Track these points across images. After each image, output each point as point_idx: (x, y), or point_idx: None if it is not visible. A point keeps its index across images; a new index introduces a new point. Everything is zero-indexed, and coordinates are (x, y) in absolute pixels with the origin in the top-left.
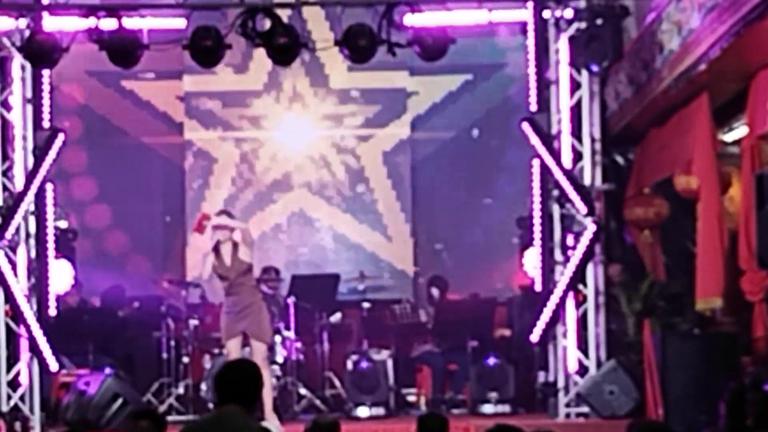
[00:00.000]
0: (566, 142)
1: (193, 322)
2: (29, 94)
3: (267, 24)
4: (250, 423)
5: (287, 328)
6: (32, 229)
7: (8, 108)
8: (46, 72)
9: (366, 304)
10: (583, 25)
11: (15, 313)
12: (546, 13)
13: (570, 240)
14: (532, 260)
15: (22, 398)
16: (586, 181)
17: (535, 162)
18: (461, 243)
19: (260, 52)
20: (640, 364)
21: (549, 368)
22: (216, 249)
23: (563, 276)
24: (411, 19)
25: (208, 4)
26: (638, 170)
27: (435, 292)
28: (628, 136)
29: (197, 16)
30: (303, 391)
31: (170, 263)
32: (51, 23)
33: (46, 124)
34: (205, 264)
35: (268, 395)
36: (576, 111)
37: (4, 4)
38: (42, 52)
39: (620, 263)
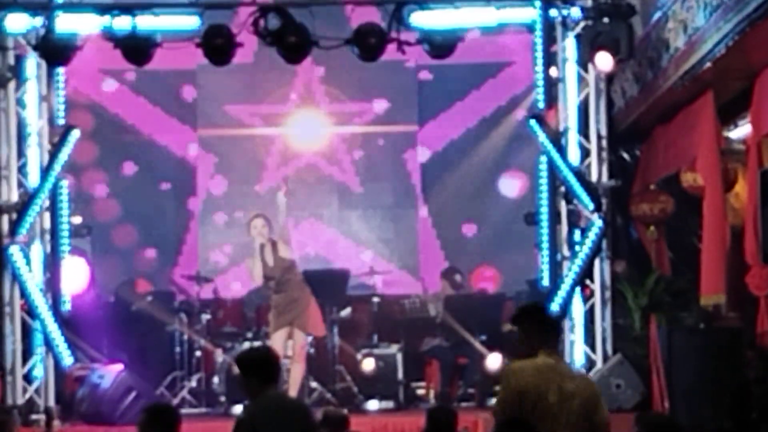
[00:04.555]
0: (573, 139)
1: (206, 316)
2: (44, 92)
3: (278, 22)
4: None
5: None
6: (47, 224)
7: (23, 105)
8: (60, 69)
9: (376, 299)
10: (590, 23)
11: (30, 308)
12: (553, 12)
13: (577, 236)
14: None
15: (37, 391)
16: (593, 177)
17: (543, 159)
18: (470, 238)
19: (271, 51)
20: (646, 358)
21: None
22: (261, 251)
23: (570, 271)
24: (420, 18)
25: (221, 3)
26: (644, 167)
27: (458, 278)
28: (635, 134)
29: (210, 15)
30: (314, 384)
31: (183, 258)
32: (65, 22)
33: (60, 121)
34: (254, 270)
35: (294, 387)
36: (583, 108)
37: (19, 2)
38: (56, 50)
39: (626, 259)
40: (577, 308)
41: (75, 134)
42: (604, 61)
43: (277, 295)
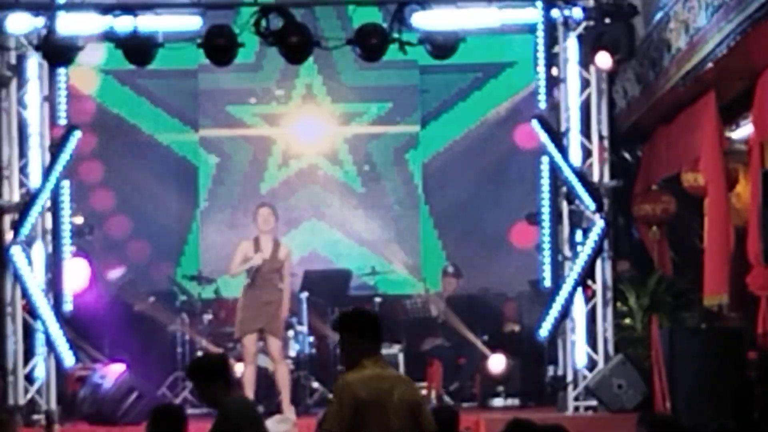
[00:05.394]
0: (575, 139)
1: (207, 317)
2: (46, 92)
3: (280, 23)
4: None
5: (300, 323)
6: (48, 225)
7: (25, 105)
8: (62, 70)
9: (377, 299)
10: (591, 23)
11: (31, 308)
12: (555, 12)
13: (579, 236)
14: None
15: (39, 392)
16: (595, 178)
17: (545, 159)
18: (471, 238)
19: (273, 51)
20: (648, 358)
21: (558, 362)
22: (256, 241)
23: (572, 272)
24: (421, 18)
25: (223, 3)
26: (646, 167)
27: (450, 268)
28: (636, 134)
29: (211, 15)
30: (315, 384)
31: (184, 258)
32: (67, 22)
33: (62, 121)
34: (245, 253)
35: (285, 388)
36: (585, 109)
37: (21, 3)
38: (58, 51)
39: (628, 259)
40: (579, 308)
41: (77, 134)
42: (603, 60)
43: (252, 291)
